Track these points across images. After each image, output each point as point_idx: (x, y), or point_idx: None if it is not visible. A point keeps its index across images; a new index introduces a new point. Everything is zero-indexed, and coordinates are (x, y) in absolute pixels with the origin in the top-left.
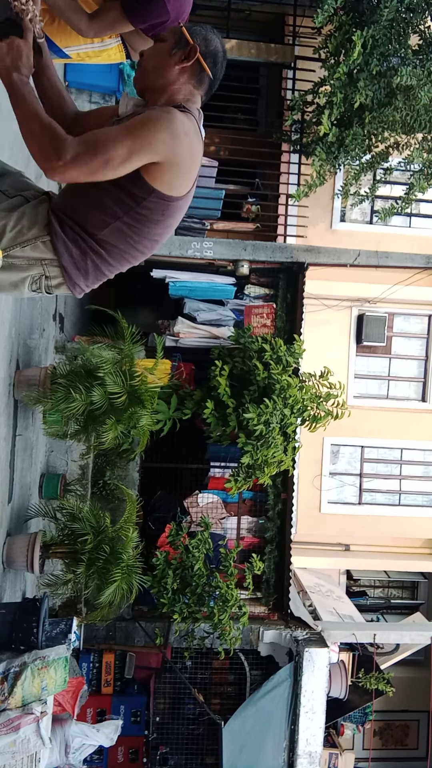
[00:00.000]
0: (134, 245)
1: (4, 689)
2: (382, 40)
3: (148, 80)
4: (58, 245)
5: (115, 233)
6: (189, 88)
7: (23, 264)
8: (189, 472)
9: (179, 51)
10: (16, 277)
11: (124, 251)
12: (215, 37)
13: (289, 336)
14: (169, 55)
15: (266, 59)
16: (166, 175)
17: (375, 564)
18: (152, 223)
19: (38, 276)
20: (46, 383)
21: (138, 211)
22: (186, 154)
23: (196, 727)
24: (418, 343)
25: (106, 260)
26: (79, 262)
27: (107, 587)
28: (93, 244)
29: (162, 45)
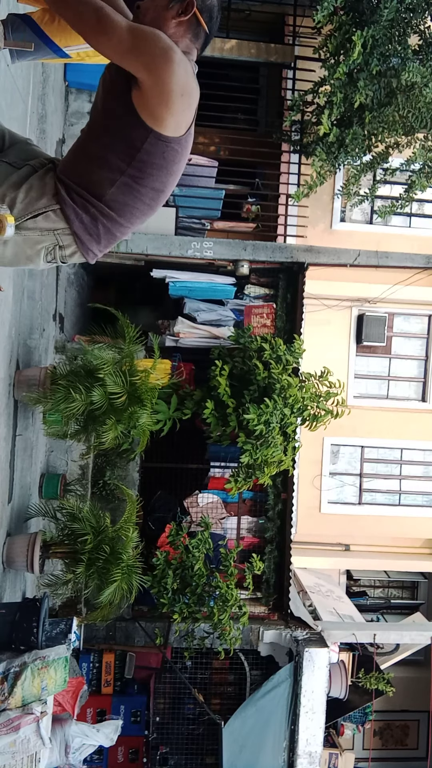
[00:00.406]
0: (141, 198)
1: (4, 689)
2: (382, 40)
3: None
4: (68, 213)
5: (122, 189)
6: (186, 42)
7: (36, 235)
8: (189, 472)
9: (176, 4)
10: (30, 249)
11: (132, 207)
12: None
13: (289, 336)
14: (166, 8)
15: (266, 59)
16: (156, 106)
17: (375, 564)
18: (155, 169)
19: (52, 246)
20: (46, 383)
21: (139, 158)
22: (176, 88)
23: (196, 727)
24: (418, 343)
25: (116, 221)
26: (90, 227)
27: (107, 587)
28: (102, 207)
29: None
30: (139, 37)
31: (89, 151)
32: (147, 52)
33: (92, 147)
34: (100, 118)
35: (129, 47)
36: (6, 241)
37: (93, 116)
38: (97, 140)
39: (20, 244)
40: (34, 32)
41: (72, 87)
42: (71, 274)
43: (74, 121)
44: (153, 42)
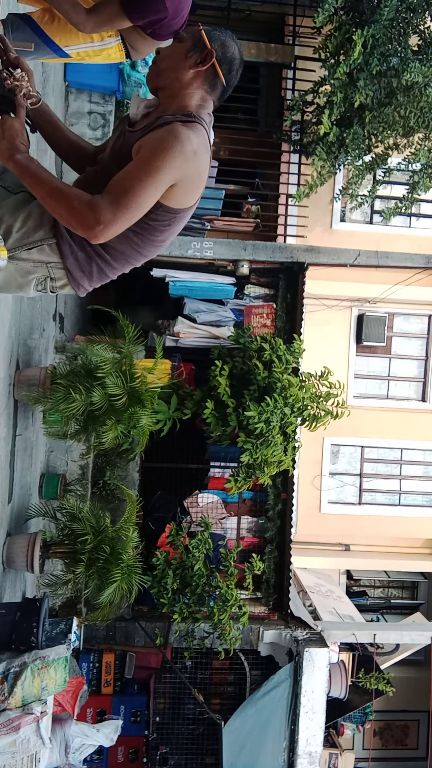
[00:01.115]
0: (138, 250)
1: (4, 689)
2: (383, 40)
3: (162, 80)
4: (63, 249)
5: (121, 239)
6: (202, 93)
7: (28, 266)
8: (189, 472)
9: (195, 54)
10: (21, 278)
11: (128, 255)
12: (234, 43)
13: (289, 336)
14: (185, 57)
15: (266, 59)
16: (177, 193)
17: (375, 564)
18: (158, 232)
19: (43, 278)
20: (46, 383)
21: (145, 221)
22: (196, 173)
23: (196, 727)
24: (418, 343)
25: (110, 264)
26: (84, 265)
27: (107, 587)
28: (98, 249)
29: (179, 45)
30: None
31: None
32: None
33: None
34: (110, 176)
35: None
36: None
37: (103, 169)
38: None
39: (12, 272)
40: (34, 32)
41: (72, 87)
42: None
43: (74, 121)
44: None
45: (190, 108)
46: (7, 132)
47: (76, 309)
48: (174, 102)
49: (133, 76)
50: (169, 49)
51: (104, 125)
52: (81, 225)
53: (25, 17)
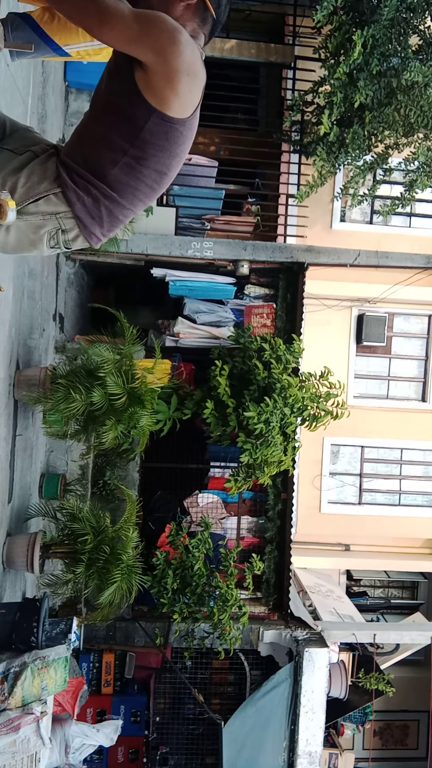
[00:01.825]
0: (143, 179)
1: (4, 689)
2: (382, 40)
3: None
4: (69, 196)
5: (124, 170)
6: (193, 26)
7: (38, 220)
8: (189, 472)
9: None
10: (33, 234)
11: (135, 188)
12: None
13: (289, 336)
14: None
15: (266, 59)
16: (162, 87)
17: (375, 564)
18: (158, 150)
19: (54, 231)
20: (46, 383)
21: (142, 138)
22: (182, 69)
23: (196, 727)
24: (418, 343)
25: (118, 202)
26: (93, 209)
27: (107, 587)
28: (104, 189)
29: None
30: (143, 22)
31: (91, 131)
32: (152, 35)
33: (94, 127)
34: (104, 98)
35: (135, 34)
36: (8, 227)
37: (96, 97)
38: (100, 120)
39: (22, 229)
40: (34, 31)
41: (72, 87)
42: (71, 274)
43: (74, 121)
44: (158, 24)
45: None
46: None
47: (76, 309)
48: None
49: None
50: None
51: None
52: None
53: (25, 16)
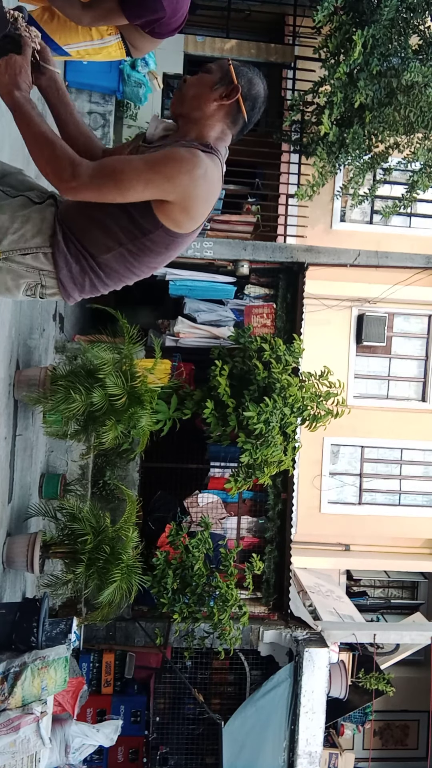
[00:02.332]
0: (133, 270)
1: (4, 689)
2: (383, 40)
3: (185, 108)
4: (59, 260)
5: (117, 258)
6: (222, 127)
7: (21, 270)
8: (189, 472)
9: (221, 87)
10: (12, 281)
11: (122, 275)
12: (260, 81)
13: (289, 336)
14: (210, 88)
15: (266, 59)
16: (177, 215)
17: (375, 564)
18: (154, 254)
19: (34, 284)
20: (46, 383)
21: (142, 242)
22: (201, 198)
23: (196, 727)
24: (418, 343)
25: (102, 280)
26: (77, 278)
27: (107, 587)
28: (93, 265)
29: (207, 77)
30: (159, 170)
31: (95, 215)
32: (170, 180)
33: (97, 210)
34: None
35: (152, 183)
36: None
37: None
38: (104, 208)
39: (3, 272)
40: None
41: (72, 87)
42: None
43: None
44: (173, 166)
45: (208, 139)
46: (10, 68)
47: (76, 309)
48: (194, 130)
49: (133, 76)
50: (196, 78)
51: (104, 125)
52: (55, 174)
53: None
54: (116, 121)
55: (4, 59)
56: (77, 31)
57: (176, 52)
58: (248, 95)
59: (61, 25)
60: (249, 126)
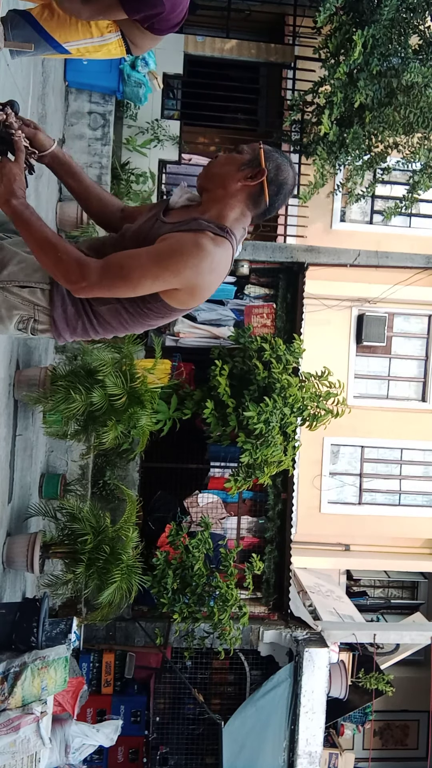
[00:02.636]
0: (126, 326)
1: (4, 689)
2: (383, 40)
3: (209, 183)
4: (55, 298)
5: (113, 313)
6: (243, 208)
7: (17, 302)
8: (189, 472)
9: (248, 169)
10: (6, 311)
11: (114, 328)
12: (290, 169)
13: (289, 336)
14: (237, 168)
15: (266, 59)
16: (181, 297)
17: (375, 564)
18: (149, 318)
19: (27, 317)
20: (46, 383)
21: (141, 307)
22: (206, 288)
23: (196, 727)
24: (418, 343)
25: (95, 328)
26: (71, 319)
27: (107, 587)
28: (89, 311)
29: (236, 156)
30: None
31: None
32: (178, 274)
33: None
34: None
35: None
36: None
37: (119, 243)
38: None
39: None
40: (34, 28)
41: (72, 87)
42: None
43: (74, 121)
44: (180, 263)
45: (226, 220)
46: (5, 177)
47: None
48: (214, 207)
49: (133, 76)
50: (226, 157)
51: (104, 125)
52: (65, 276)
53: (24, 14)
54: (116, 121)
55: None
56: (77, 29)
57: (176, 52)
58: (274, 180)
59: (60, 23)
60: (271, 212)
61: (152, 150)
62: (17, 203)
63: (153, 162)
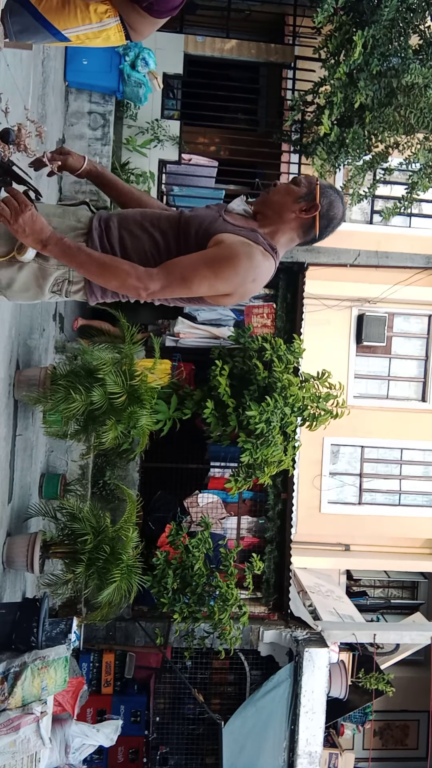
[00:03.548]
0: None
1: (4, 689)
2: (383, 40)
3: (267, 209)
4: None
5: None
6: (293, 235)
7: (51, 267)
8: (189, 472)
9: (304, 202)
10: (42, 279)
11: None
12: (341, 205)
13: (289, 336)
14: (294, 200)
15: (266, 59)
16: (220, 297)
17: (375, 564)
18: (179, 302)
19: (62, 279)
20: (46, 383)
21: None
22: (245, 294)
23: (196, 727)
24: (418, 343)
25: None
26: None
27: (107, 587)
28: None
29: (294, 188)
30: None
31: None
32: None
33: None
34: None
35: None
36: (21, 267)
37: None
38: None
39: (35, 271)
40: (32, 15)
41: (72, 87)
42: None
43: (74, 121)
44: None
45: (277, 242)
46: (25, 225)
47: (76, 308)
48: (267, 229)
49: (133, 76)
50: (284, 187)
51: (104, 125)
52: (130, 292)
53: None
54: (116, 121)
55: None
56: (75, 15)
57: (176, 51)
58: (326, 215)
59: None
60: (318, 241)
61: (152, 150)
62: (53, 242)
63: (153, 162)
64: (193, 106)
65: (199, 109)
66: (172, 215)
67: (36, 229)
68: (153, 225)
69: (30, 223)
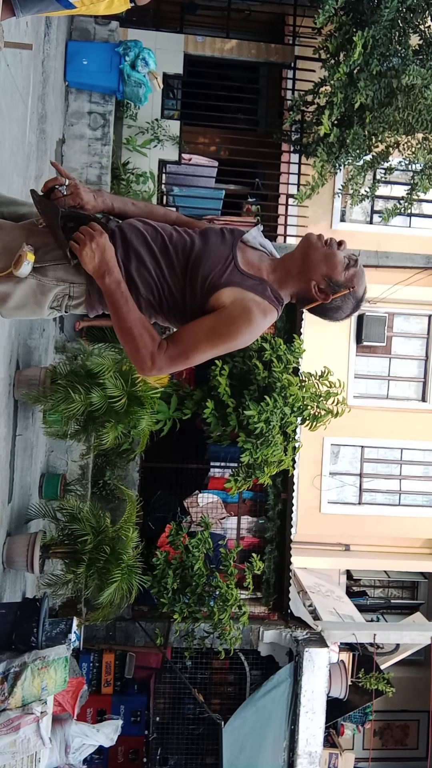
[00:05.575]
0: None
1: (4, 689)
2: (383, 41)
3: (291, 260)
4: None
5: (147, 307)
6: (295, 292)
7: (51, 283)
8: (189, 472)
9: (327, 284)
10: (41, 295)
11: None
12: (348, 312)
13: (289, 336)
14: (323, 274)
15: (266, 59)
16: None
17: (375, 564)
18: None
19: (62, 294)
20: (46, 383)
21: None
22: (237, 346)
23: (196, 727)
24: (418, 343)
25: None
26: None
27: (107, 587)
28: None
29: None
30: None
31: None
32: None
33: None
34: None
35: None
36: (18, 282)
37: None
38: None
39: (32, 287)
40: None
41: (72, 87)
42: None
43: (74, 121)
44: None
45: (285, 293)
46: (100, 249)
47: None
48: (278, 275)
49: (133, 76)
50: (327, 253)
51: (104, 125)
52: (137, 365)
53: None
54: (116, 121)
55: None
56: None
57: (176, 52)
58: (331, 308)
59: None
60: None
61: (152, 150)
62: (110, 281)
63: (153, 162)
64: (193, 106)
65: (199, 109)
66: (186, 242)
67: (106, 257)
68: (162, 252)
69: (103, 249)
